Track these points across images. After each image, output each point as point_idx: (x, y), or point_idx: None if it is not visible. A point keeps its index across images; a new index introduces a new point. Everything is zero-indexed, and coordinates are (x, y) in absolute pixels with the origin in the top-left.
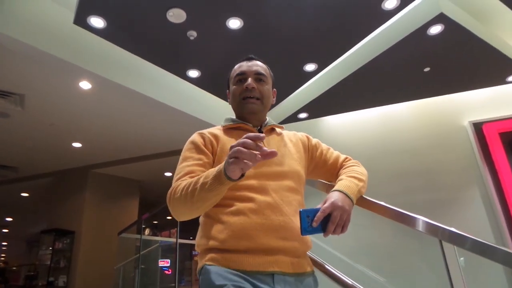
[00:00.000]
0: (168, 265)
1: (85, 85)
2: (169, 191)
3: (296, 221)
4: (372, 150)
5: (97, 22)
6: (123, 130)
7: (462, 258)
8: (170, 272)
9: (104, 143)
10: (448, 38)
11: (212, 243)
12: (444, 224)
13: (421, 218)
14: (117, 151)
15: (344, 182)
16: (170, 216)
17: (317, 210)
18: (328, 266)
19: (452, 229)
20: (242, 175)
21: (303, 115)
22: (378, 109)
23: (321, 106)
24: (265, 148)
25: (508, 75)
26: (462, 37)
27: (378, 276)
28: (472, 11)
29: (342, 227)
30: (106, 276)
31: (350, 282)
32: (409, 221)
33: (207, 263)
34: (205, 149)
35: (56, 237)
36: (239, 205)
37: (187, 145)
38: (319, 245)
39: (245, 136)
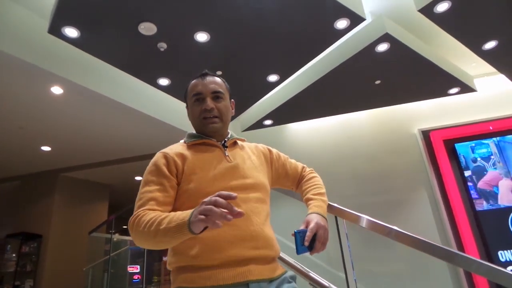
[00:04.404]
0: (138, 271)
1: (56, 90)
2: (132, 218)
3: (267, 230)
4: (331, 155)
5: (71, 32)
6: (93, 134)
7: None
8: (139, 278)
9: (74, 147)
10: (394, 55)
11: (184, 259)
12: (396, 223)
13: None
14: (86, 155)
15: (317, 202)
16: None
17: (305, 231)
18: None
19: (342, 208)
20: (205, 228)
21: (268, 122)
22: (337, 117)
23: (284, 114)
24: (235, 208)
25: (449, 88)
26: (406, 54)
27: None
28: (415, 31)
29: (324, 244)
30: (74, 280)
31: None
32: None
33: (182, 286)
34: (167, 173)
35: (23, 241)
36: None
37: (149, 166)
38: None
39: (217, 194)
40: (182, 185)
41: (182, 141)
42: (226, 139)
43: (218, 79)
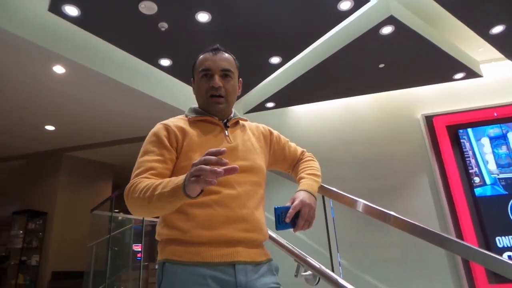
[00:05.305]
0: (141, 249)
1: (58, 69)
2: (128, 186)
3: (258, 214)
4: (333, 138)
5: (71, 10)
6: (96, 114)
7: None
8: (141, 256)
9: (78, 126)
10: (399, 38)
11: (175, 233)
12: (395, 208)
13: None
14: (90, 135)
15: (307, 181)
16: None
17: (288, 208)
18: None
19: (332, 188)
20: (201, 191)
21: (270, 104)
22: (339, 101)
23: (286, 96)
24: (225, 160)
25: (455, 73)
26: (411, 38)
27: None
28: (421, 14)
29: (309, 222)
30: (79, 256)
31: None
32: None
33: (169, 258)
34: (168, 144)
35: (29, 218)
36: (204, 198)
37: (149, 136)
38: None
39: (206, 153)
40: (180, 161)
41: (183, 115)
42: (228, 119)
43: (229, 56)
